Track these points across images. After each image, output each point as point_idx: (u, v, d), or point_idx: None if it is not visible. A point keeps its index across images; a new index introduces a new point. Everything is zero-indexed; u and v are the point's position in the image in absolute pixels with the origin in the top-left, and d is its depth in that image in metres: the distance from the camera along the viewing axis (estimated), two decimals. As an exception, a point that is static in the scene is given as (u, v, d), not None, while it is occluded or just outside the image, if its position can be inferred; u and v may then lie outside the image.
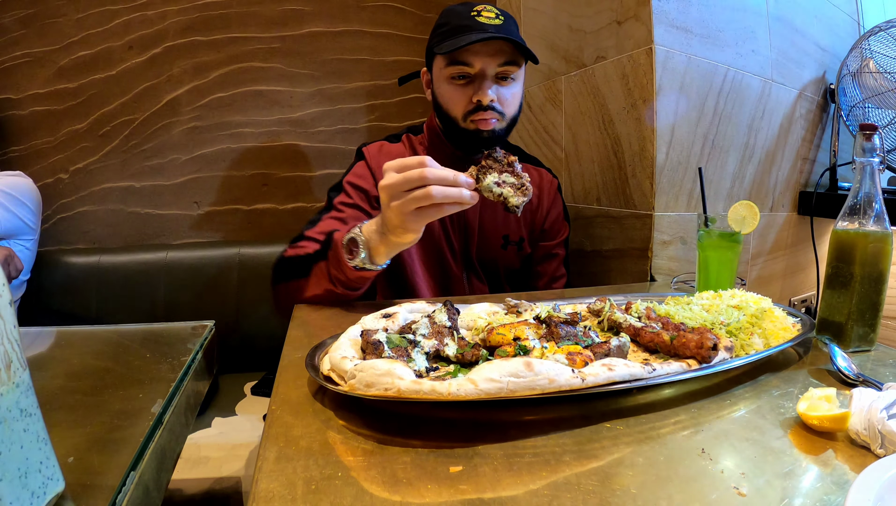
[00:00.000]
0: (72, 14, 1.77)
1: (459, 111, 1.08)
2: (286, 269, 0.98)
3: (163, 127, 1.87)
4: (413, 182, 0.73)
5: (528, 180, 0.76)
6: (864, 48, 1.44)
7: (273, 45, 1.91)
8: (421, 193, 0.72)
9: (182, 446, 0.60)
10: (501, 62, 1.05)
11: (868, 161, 0.72)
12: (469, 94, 1.06)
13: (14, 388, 0.36)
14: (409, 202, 0.73)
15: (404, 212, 0.74)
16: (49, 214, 1.83)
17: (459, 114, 1.08)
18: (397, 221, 0.76)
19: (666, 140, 1.22)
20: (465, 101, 1.06)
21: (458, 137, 1.11)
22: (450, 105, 1.08)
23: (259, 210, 1.97)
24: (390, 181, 0.75)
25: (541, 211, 1.25)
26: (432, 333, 0.63)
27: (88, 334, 0.85)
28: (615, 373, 0.52)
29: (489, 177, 0.74)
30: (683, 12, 1.22)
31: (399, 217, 0.75)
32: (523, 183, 0.74)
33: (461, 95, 1.07)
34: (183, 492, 1.21)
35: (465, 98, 1.06)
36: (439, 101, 1.11)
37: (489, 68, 1.05)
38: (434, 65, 1.12)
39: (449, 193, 0.73)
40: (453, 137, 1.12)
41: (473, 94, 1.05)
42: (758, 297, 0.74)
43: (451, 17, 1.08)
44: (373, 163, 1.15)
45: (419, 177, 0.73)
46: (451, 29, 1.06)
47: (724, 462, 0.44)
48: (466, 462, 0.43)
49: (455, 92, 1.07)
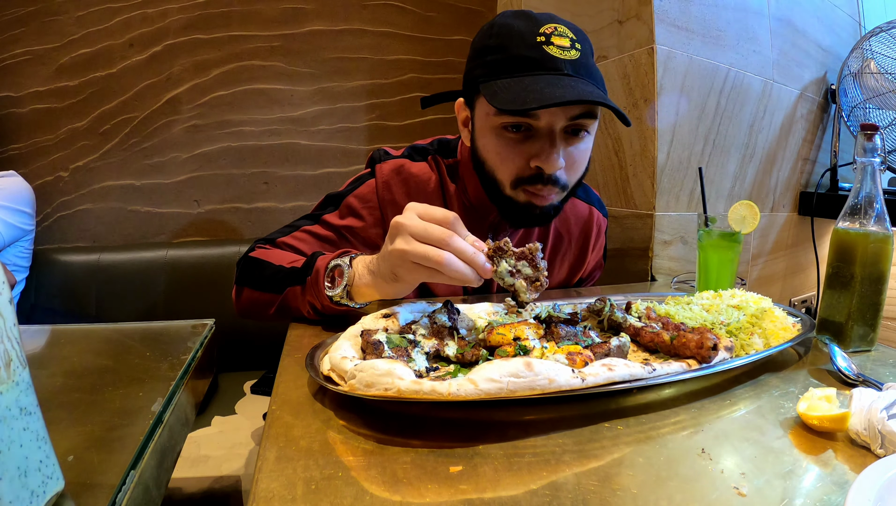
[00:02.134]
0: (72, 12, 1.77)
1: (509, 175, 0.82)
2: (252, 272, 0.86)
3: (163, 125, 1.87)
4: (432, 239, 0.63)
5: (546, 275, 0.66)
6: (865, 49, 1.44)
7: (274, 43, 1.91)
8: (434, 254, 0.62)
9: (182, 445, 0.60)
10: (576, 115, 0.78)
11: (869, 161, 0.72)
12: (527, 155, 0.80)
13: (14, 386, 0.36)
14: (415, 254, 0.63)
15: (405, 259, 0.64)
16: (49, 213, 1.83)
17: (508, 179, 0.82)
18: (392, 264, 0.66)
19: (667, 140, 1.22)
20: (520, 163, 0.80)
21: (501, 205, 0.86)
22: (497, 165, 0.82)
23: (259, 209, 1.97)
24: (409, 224, 0.64)
25: (584, 260, 1.08)
26: (432, 333, 0.63)
27: (88, 333, 0.85)
28: (615, 373, 0.52)
29: (504, 263, 0.65)
30: (685, 12, 1.22)
31: (398, 261, 0.65)
32: (538, 277, 0.66)
33: (515, 155, 0.80)
34: (183, 491, 1.22)
35: (522, 159, 0.80)
36: (482, 154, 0.85)
37: (558, 122, 0.78)
38: (478, 104, 0.83)
39: (459, 271, 0.62)
40: (496, 201, 0.87)
41: (533, 158, 0.79)
42: (758, 297, 0.74)
43: (508, 40, 0.79)
44: (382, 190, 0.93)
45: (439, 239, 0.63)
46: (511, 61, 0.77)
47: (725, 462, 0.44)
48: (466, 462, 0.43)
49: (507, 149, 0.81)
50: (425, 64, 2.02)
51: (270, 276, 0.83)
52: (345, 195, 0.94)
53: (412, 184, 0.94)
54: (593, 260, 1.10)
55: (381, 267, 0.70)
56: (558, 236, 1.04)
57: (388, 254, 0.67)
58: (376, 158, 0.96)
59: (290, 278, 0.80)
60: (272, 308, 0.83)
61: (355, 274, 0.73)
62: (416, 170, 0.94)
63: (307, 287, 0.77)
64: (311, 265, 0.77)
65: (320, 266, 0.76)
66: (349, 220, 0.93)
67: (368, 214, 0.93)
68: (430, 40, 1.19)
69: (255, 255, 0.89)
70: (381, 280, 0.70)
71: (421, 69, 2.01)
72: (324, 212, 0.94)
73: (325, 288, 0.74)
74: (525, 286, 0.66)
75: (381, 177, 0.94)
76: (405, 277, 0.67)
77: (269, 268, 0.84)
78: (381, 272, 0.70)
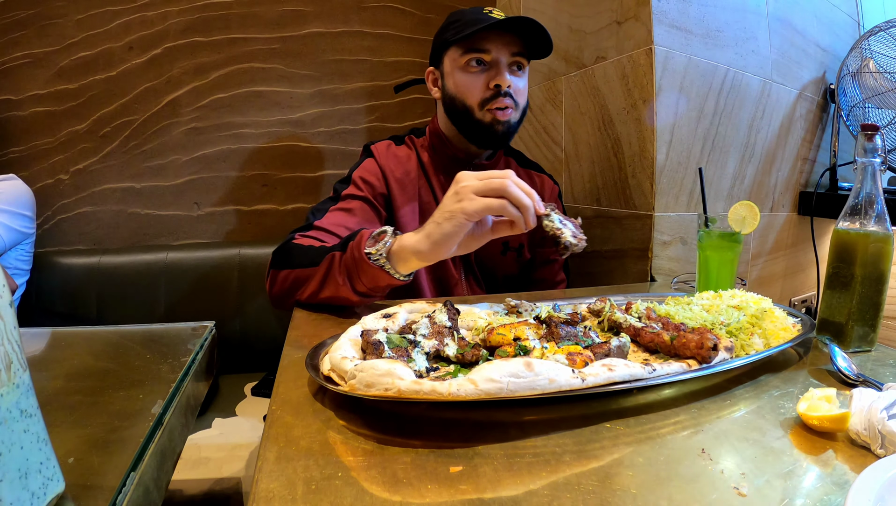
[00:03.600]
0: (72, 15, 1.77)
1: (476, 98, 1.08)
2: (293, 255, 0.92)
3: (163, 128, 1.87)
4: (493, 179, 0.74)
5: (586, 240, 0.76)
6: (864, 48, 1.44)
7: (273, 45, 1.91)
8: (497, 182, 0.73)
9: (182, 447, 0.60)
10: (515, 51, 1.08)
11: (869, 161, 0.72)
12: (486, 81, 1.08)
13: (14, 389, 0.36)
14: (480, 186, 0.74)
15: (468, 191, 0.74)
16: (49, 215, 1.83)
17: (476, 101, 1.09)
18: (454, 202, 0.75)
19: (666, 140, 1.22)
20: (482, 87, 1.08)
21: (471, 130, 1.11)
22: (466, 93, 1.09)
23: (259, 211, 1.97)
24: (470, 173, 0.77)
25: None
26: (432, 334, 0.63)
27: (89, 335, 0.85)
28: (615, 373, 0.52)
29: (555, 214, 0.75)
30: (683, 12, 1.22)
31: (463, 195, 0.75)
32: (579, 235, 0.75)
33: (478, 82, 1.08)
34: (183, 492, 1.21)
35: (482, 84, 1.08)
36: (453, 91, 1.11)
37: (504, 56, 1.08)
38: (446, 57, 1.13)
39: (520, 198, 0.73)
40: (466, 129, 1.12)
41: (491, 80, 1.07)
42: (758, 297, 0.74)
43: (462, 15, 1.11)
44: (382, 161, 1.15)
45: (500, 177, 0.74)
46: (466, 23, 1.08)
47: (725, 462, 0.44)
48: (466, 462, 0.43)
49: (471, 79, 1.09)
50: (424, 65, 1.99)
51: (313, 253, 0.89)
52: (350, 175, 1.13)
53: (400, 157, 1.18)
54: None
55: (436, 215, 0.78)
56: None
57: (450, 196, 0.76)
58: (368, 144, 1.20)
59: (332, 249, 0.86)
60: (310, 283, 0.87)
61: (398, 237, 0.81)
62: (399, 148, 1.20)
63: (347, 253, 0.83)
64: (356, 234, 0.85)
65: (365, 233, 0.84)
66: (365, 187, 1.12)
67: (375, 179, 1.13)
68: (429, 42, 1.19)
69: (299, 241, 0.96)
70: (430, 230, 0.77)
71: (420, 71, 2.01)
72: (341, 191, 1.10)
73: (365, 246, 0.81)
74: (570, 234, 0.74)
75: (377, 153, 1.17)
76: (466, 210, 0.74)
77: (313, 248, 0.91)
78: (435, 219, 0.77)
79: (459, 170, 1.11)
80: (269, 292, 0.95)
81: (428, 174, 1.18)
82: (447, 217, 0.76)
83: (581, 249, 0.75)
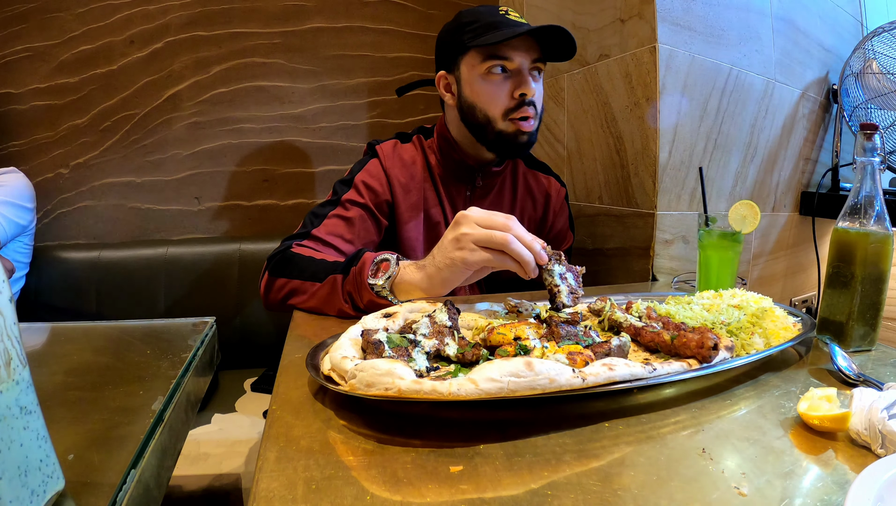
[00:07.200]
0: (73, 8, 1.77)
1: (500, 108, 1.03)
2: (292, 265, 0.92)
3: (164, 122, 1.87)
4: (495, 225, 0.74)
5: (582, 295, 0.76)
6: (868, 49, 1.43)
7: (275, 40, 1.91)
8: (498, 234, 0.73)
9: (182, 443, 0.60)
10: (535, 58, 1.03)
11: (869, 161, 0.71)
12: (510, 89, 1.02)
13: (14, 385, 0.36)
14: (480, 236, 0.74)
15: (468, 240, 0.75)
16: (49, 210, 1.83)
17: (500, 111, 1.03)
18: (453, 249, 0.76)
19: (669, 139, 1.21)
20: (506, 96, 1.02)
21: (492, 140, 1.06)
22: (489, 102, 1.03)
23: (260, 206, 1.97)
24: (473, 213, 0.77)
25: (546, 220, 1.23)
26: (433, 333, 0.63)
27: (89, 331, 0.85)
28: (616, 373, 0.52)
29: (557, 266, 0.75)
30: (687, 11, 1.21)
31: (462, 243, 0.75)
32: (576, 291, 0.75)
33: (501, 91, 1.02)
34: (183, 488, 1.22)
35: (507, 93, 1.02)
36: (473, 100, 1.04)
37: (526, 63, 1.02)
38: (463, 63, 1.05)
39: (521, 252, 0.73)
40: (487, 139, 1.06)
41: (515, 89, 1.02)
42: (758, 296, 0.74)
43: (478, 16, 1.03)
44: (387, 163, 1.10)
45: (502, 224, 0.74)
46: (484, 25, 1.01)
47: (725, 462, 0.44)
48: (467, 462, 0.43)
49: (494, 87, 1.02)
50: (426, 62, 2.01)
51: (314, 267, 0.89)
52: (353, 176, 1.09)
53: (405, 158, 1.13)
54: (558, 224, 1.25)
55: (437, 257, 0.78)
56: (524, 199, 1.22)
57: (451, 240, 0.77)
58: (373, 143, 1.14)
59: (334, 269, 0.86)
60: (308, 297, 0.87)
61: (401, 269, 0.82)
62: (405, 148, 1.15)
63: (350, 277, 0.83)
64: (357, 257, 0.85)
65: (367, 258, 0.83)
66: (367, 193, 1.07)
67: (378, 185, 1.08)
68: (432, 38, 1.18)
69: (298, 251, 0.95)
70: (431, 272, 0.78)
71: (422, 67, 2.01)
72: (341, 194, 1.07)
73: (368, 277, 0.81)
74: (566, 292, 0.73)
75: (382, 154, 1.11)
76: (466, 260, 0.75)
77: (313, 261, 0.91)
78: (435, 262, 0.78)
79: (468, 176, 1.10)
80: (264, 296, 0.96)
81: (435, 179, 1.14)
82: (447, 263, 0.77)
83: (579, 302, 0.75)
